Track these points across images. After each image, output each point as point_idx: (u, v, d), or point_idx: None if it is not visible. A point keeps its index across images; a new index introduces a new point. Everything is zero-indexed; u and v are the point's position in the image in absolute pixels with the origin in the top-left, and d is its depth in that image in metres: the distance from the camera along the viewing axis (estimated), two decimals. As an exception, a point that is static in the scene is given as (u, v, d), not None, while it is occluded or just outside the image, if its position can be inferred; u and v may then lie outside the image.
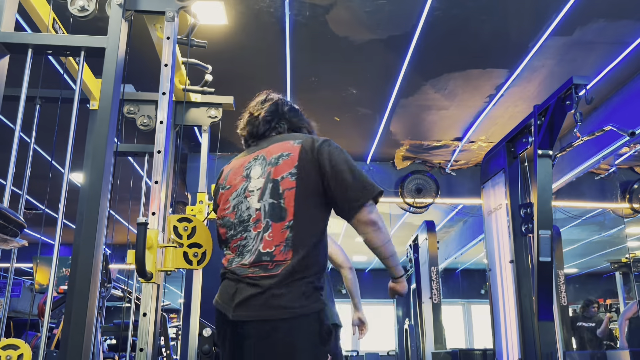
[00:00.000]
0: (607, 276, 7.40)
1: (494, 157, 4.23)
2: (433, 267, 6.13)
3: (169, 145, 1.93)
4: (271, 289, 1.53)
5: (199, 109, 2.89)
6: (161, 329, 4.20)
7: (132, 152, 3.17)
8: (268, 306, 1.52)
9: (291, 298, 1.53)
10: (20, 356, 1.44)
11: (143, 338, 1.65)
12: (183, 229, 1.68)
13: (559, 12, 3.75)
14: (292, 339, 1.51)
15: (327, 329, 1.59)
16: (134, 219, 1.58)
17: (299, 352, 1.51)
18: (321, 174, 1.64)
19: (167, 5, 1.96)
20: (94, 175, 1.69)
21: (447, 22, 3.85)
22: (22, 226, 1.32)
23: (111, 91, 1.75)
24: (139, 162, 5.50)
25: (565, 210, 6.58)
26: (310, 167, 1.64)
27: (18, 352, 1.45)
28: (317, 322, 1.56)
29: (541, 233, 3.31)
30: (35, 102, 2.34)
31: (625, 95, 4.79)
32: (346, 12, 3.73)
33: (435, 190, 6.29)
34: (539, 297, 3.33)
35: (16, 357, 1.44)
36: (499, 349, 4.05)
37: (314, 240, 1.61)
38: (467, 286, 11.56)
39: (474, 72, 4.55)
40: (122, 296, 4.37)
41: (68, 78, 3.61)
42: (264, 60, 4.34)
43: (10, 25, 1.76)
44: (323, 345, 1.56)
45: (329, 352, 1.92)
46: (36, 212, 6.65)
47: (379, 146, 6.02)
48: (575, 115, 3.17)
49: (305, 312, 1.53)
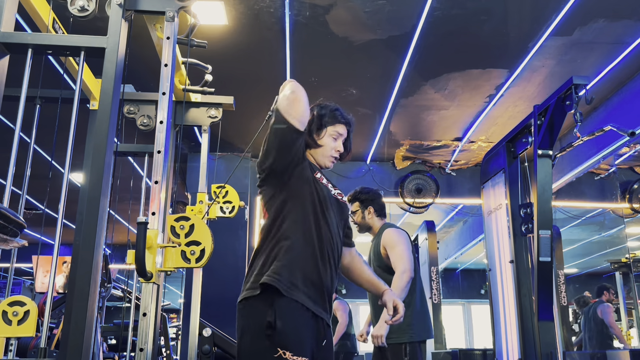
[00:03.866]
0: (607, 276, 7.40)
1: (494, 157, 4.23)
2: (433, 267, 6.12)
3: (169, 145, 1.93)
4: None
5: (199, 109, 2.89)
6: (161, 329, 4.20)
7: (132, 152, 3.17)
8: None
9: None
10: (27, 312, 1.46)
11: (143, 338, 1.65)
12: (180, 227, 1.68)
13: (559, 12, 3.75)
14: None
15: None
16: (134, 219, 1.58)
17: None
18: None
19: (167, 5, 1.96)
20: (94, 175, 1.69)
21: (447, 22, 3.85)
22: (22, 226, 1.32)
23: (111, 91, 1.75)
24: (139, 162, 5.50)
25: (565, 210, 6.58)
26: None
27: (25, 308, 1.47)
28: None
29: (541, 233, 3.32)
30: (35, 102, 2.34)
31: (625, 95, 4.79)
32: (346, 12, 3.73)
33: (435, 190, 6.29)
34: (539, 297, 3.33)
35: (23, 313, 1.46)
36: (499, 349, 4.05)
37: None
38: (467, 286, 11.55)
39: (474, 72, 4.55)
40: (122, 296, 4.37)
41: (68, 78, 3.61)
42: (264, 60, 4.34)
43: (10, 25, 1.76)
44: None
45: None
46: (36, 212, 6.64)
47: (379, 146, 6.02)
48: (575, 115, 3.17)
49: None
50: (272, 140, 1.71)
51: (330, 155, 1.90)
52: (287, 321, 1.60)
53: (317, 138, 1.88)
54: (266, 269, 1.67)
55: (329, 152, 1.89)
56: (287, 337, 1.58)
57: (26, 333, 1.52)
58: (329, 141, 1.89)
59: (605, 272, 7.61)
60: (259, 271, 1.68)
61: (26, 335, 1.52)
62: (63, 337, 1.57)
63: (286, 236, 1.70)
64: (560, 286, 5.54)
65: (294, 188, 1.74)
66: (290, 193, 1.74)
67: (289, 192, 1.74)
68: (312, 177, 1.79)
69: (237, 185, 3.29)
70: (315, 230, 1.73)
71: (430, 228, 6.29)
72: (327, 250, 1.74)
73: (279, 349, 1.55)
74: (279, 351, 1.55)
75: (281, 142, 1.70)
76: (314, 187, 1.78)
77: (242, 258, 5.71)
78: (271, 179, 1.75)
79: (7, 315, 1.45)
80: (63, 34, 2.08)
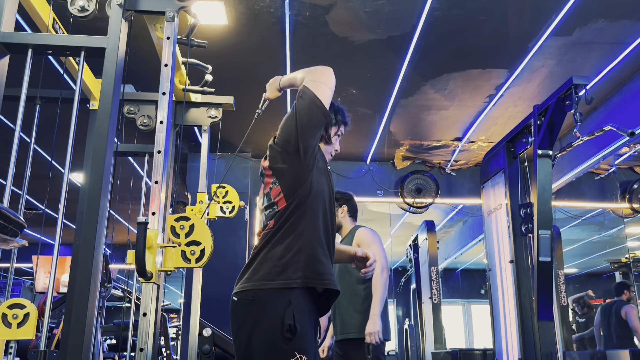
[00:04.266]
0: (607, 276, 7.39)
1: (493, 157, 4.23)
2: (433, 267, 6.13)
3: (169, 145, 1.94)
4: None
5: (199, 109, 2.89)
6: (161, 329, 4.20)
7: (132, 152, 3.17)
8: None
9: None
10: (27, 315, 1.46)
11: (143, 338, 1.65)
12: (180, 227, 1.68)
13: (559, 13, 3.75)
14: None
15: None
16: (134, 219, 1.58)
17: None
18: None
19: (167, 5, 1.96)
20: (94, 175, 1.69)
21: (447, 22, 3.85)
22: (22, 226, 1.32)
23: (111, 91, 1.75)
24: (139, 162, 5.50)
25: (565, 210, 6.58)
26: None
27: (24, 310, 1.47)
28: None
29: (541, 233, 3.32)
30: (35, 102, 2.34)
31: (625, 95, 4.79)
32: (346, 12, 3.73)
33: (435, 190, 6.29)
34: (539, 297, 3.33)
35: (22, 315, 1.46)
36: (498, 349, 4.05)
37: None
38: (467, 286, 11.54)
39: (474, 72, 4.55)
40: (122, 296, 4.37)
41: (68, 78, 3.61)
42: (264, 60, 4.34)
43: (10, 25, 1.76)
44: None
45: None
46: (36, 212, 6.65)
47: (379, 146, 6.02)
48: (575, 115, 3.17)
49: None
50: (307, 120, 1.64)
51: (330, 153, 1.89)
52: (305, 325, 1.55)
53: (331, 134, 1.86)
54: (289, 261, 1.59)
55: (331, 150, 1.89)
56: (306, 342, 1.53)
57: (26, 336, 1.51)
58: (334, 139, 1.89)
59: (605, 272, 7.60)
60: (277, 262, 1.59)
61: (26, 338, 1.51)
62: (63, 337, 1.57)
63: (308, 228, 1.64)
64: (560, 286, 5.54)
65: (315, 177, 1.69)
66: (314, 182, 1.68)
67: (313, 181, 1.67)
68: (326, 168, 1.77)
69: (237, 185, 3.29)
70: (324, 224, 1.70)
71: (430, 228, 6.30)
72: (331, 245, 1.73)
73: (296, 352, 1.49)
74: (296, 355, 1.49)
75: (312, 121, 1.65)
76: (328, 179, 1.76)
77: (242, 258, 5.71)
78: (296, 162, 1.65)
79: (7, 317, 1.45)
80: (63, 34, 2.08)
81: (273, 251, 1.61)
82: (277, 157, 1.68)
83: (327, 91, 1.70)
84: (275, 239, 1.63)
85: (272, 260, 1.60)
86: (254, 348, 1.54)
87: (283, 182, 1.67)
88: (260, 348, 1.53)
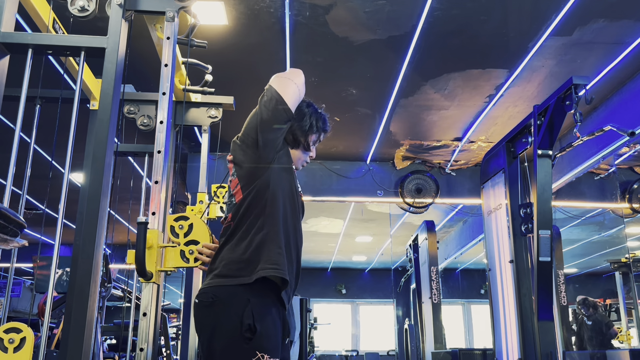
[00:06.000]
0: (607, 276, 7.40)
1: (493, 157, 4.22)
2: (433, 267, 6.13)
3: (169, 145, 1.93)
4: None
5: (199, 109, 2.90)
6: (161, 329, 4.20)
7: (132, 152, 3.17)
8: None
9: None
10: (23, 339, 1.45)
11: (143, 338, 1.65)
12: (179, 227, 1.68)
13: (559, 12, 3.75)
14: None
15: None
16: (134, 219, 1.58)
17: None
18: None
19: (167, 5, 1.96)
20: (94, 175, 1.69)
21: (447, 22, 3.85)
22: (22, 226, 1.32)
23: (111, 91, 1.75)
24: (139, 162, 5.50)
25: (565, 210, 6.58)
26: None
27: (21, 335, 1.46)
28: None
29: (541, 233, 3.31)
30: (36, 102, 2.34)
31: (625, 95, 4.79)
32: (346, 12, 3.73)
33: (435, 190, 6.29)
34: (539, 297, 3.33)
35: (19, 340, 1.45)
36: (498, 349, 4.05)
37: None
38: (467, 286, 11.54)
39: (474, 72, 4.55)
40: (122, 296, 4.37)
41: (68, 78, 3.61)
42: (264, 60, 4.34)
43: (10, 25, 1.76)
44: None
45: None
46: (36, 212, 6.64)
47: (379, 146, 6.02)
48: (575, 115, 3.17)
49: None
50: (267, 116, 1.64)
51: (305, 160, 1.86)
52: (267, 323, 1.54)
53: (309, 140, 1.82)
54: (248, 257, 1.58)
55: (306, 157, 1.85)
56: (269, 340, 1.52)
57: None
58: (313, 148, 1.86)
59: (605, 272, 7.60)
60: (236, 259, 1.59)
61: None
62: (63, 337, 1.57)
63: (268, 222, 1.63)
64: (560, 286, 5.54)
65: (276, 171, 1.68)
66: (273, 175, 1.67)
67: (272, 174, 1.67)
68: (291, 168, 1.76)
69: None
70: (292, 220, 1.69)
71: (430, 228, 6.30)
72: (299, 243, 1.72)
73: (257, 352, 1.49)
74: (257, 354, 1.48)
75: (276, 120, 1.65)
76: (292, 176, 1.75)
77: (242, 258, 5.70)
78: (253, 154, 1.67)
79: (4, 342, 1.43)
80: (63, 34, 2.08)
81: (232, 249, 1.63)
82: (237, 149, 1.72)
83: (291, 86, 1.70)
84: (235, 236, 1.64)
85: (230, 258, 1.61)
86: (215, 349, 1.54)
87: (240, 174, 1.70)
88: (221, 349, 1.53)
